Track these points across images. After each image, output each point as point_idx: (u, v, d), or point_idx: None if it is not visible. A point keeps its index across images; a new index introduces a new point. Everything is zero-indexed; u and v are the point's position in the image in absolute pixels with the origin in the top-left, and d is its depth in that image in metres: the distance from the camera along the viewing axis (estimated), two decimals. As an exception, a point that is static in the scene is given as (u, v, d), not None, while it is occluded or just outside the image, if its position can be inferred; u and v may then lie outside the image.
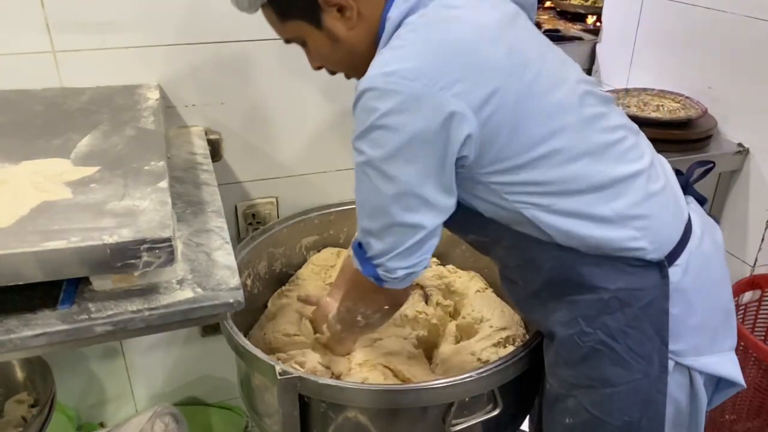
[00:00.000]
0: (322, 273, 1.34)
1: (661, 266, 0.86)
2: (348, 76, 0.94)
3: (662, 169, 0.95)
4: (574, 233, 0.85)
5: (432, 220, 0.83)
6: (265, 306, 1.31)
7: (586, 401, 0.90)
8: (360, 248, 0.87)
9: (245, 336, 1.06)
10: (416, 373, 1.10)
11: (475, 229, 0.94)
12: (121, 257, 0.72)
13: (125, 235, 0.72)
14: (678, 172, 1.01)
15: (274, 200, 1.43)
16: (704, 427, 0.98)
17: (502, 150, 0.81)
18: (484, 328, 1.16)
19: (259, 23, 1.22)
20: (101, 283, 0.77)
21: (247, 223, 1.42)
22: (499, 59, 0.79)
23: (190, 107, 1.28)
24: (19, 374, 1.25)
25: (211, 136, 1.29)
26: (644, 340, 0.87)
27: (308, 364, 1.08)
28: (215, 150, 1.30)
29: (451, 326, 1.25)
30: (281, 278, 1.37)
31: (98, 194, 0.80)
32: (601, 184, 0.84)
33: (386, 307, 0.97)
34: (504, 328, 1.15)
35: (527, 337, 1.18)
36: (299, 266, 1.39)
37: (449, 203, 0.83)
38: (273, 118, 1.34)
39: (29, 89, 1.14)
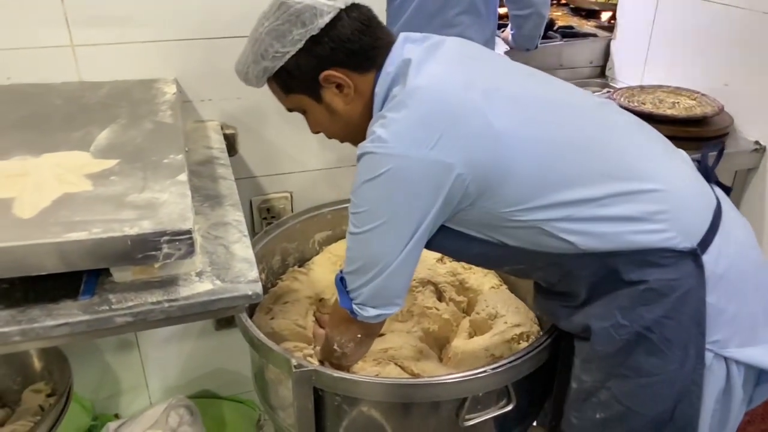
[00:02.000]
0: (337, 264, 1.34)
1: (695, 255, 0.86)
2: (343, 142, 1.03)
3: (680, 158, 0.96)
4: (598, 235, 0.86)
5: (408, 270, 0.90)
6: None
7: (619, 392, 0.90)
8: (341, 282, 0.94)
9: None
10: (425, 368, 1.10)
11: (508, 261, 0.97)
12: (141, 249, 0.72)
13: (146, 227, 0.72)
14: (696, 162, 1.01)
15: (288, 195, 1.44)
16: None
17: (507, 184, 0.85)
18: (498, 324, 1.16)
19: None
20: (122, 275, 0.78)
21: (261, 218, 1.43)
22: (475, 106, 0.84)
23: (206, 102, 1.29)
24: (37, 364, 1.27)
25: (227, 131, 1.30)
26: (680, 330, 0.86)
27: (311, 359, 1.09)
28: (231, 145, 1.31)
29: (465, 322, 1.25)
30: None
31: (118, 186, 0.81)
32: (620, 191, 0.86)
33: (359, 336, 1.00)
34: (518, 325, 1.15)
35: (541, 334, 1.17)
36: (311, 261, 1.40)
37: (419, 254, 0.90)
38: (288, 114, 1.33)
39: (48, 83, 1.15)
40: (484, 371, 0.94)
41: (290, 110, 1.01)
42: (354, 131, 0.96)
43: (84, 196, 0.78)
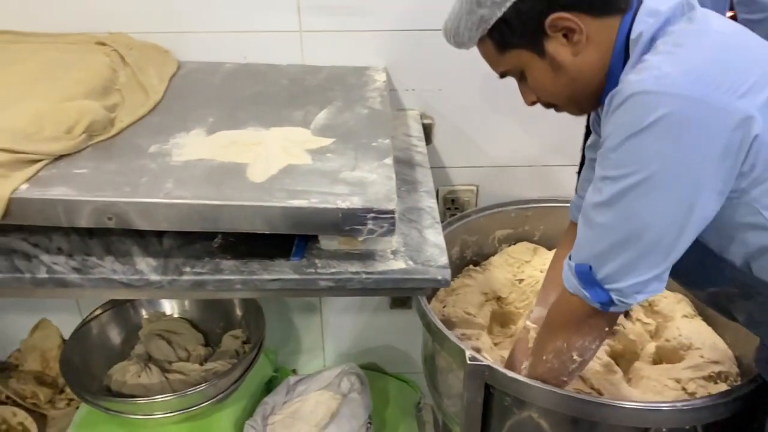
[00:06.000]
0: (514, 266, 1.33)
1: None
2: (562, 109, 0.88)
3: None
4: None
5: (686, 240, 0.73)
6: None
7: None
8: (589, 271, 0.77)
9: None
10: (606, 386, 1.04)
11: (720, 280, 0.82)
12: (350, 222, 0.78)
13: (356, 202, 0.79)
14: None
15: (474, 188, 1.45)
16: None
17: None
18: (692, 357, 1.06)
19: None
20: (328, 243, 0.85)
21: (445, 208, 1.46)
22: None
23: (409, 91, 1.34)
24: (238, 313, 1.44)
25: (425, 121, 1.34)
26: None
27: (482, 347, 1.11)
28: (427, 134, 1.35)
29: (650, 346, 1.16)
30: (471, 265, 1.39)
31: (333, 163, 0.88)
32: None
33: (606, 329, 0.85)
34: (717, 362, 1.04)
35: (740, 378, 1.05)
36: (488, 257, 1.39)
37: (708, 220, 0.73)
38: (485, 109, 1.35)
39: (277, 64, 1.28)
40: (674, 405, 0.86)
41: (503, 75, 0.87)
42: (580, 92, 0.81)
43: (305, 169, 0.87)
